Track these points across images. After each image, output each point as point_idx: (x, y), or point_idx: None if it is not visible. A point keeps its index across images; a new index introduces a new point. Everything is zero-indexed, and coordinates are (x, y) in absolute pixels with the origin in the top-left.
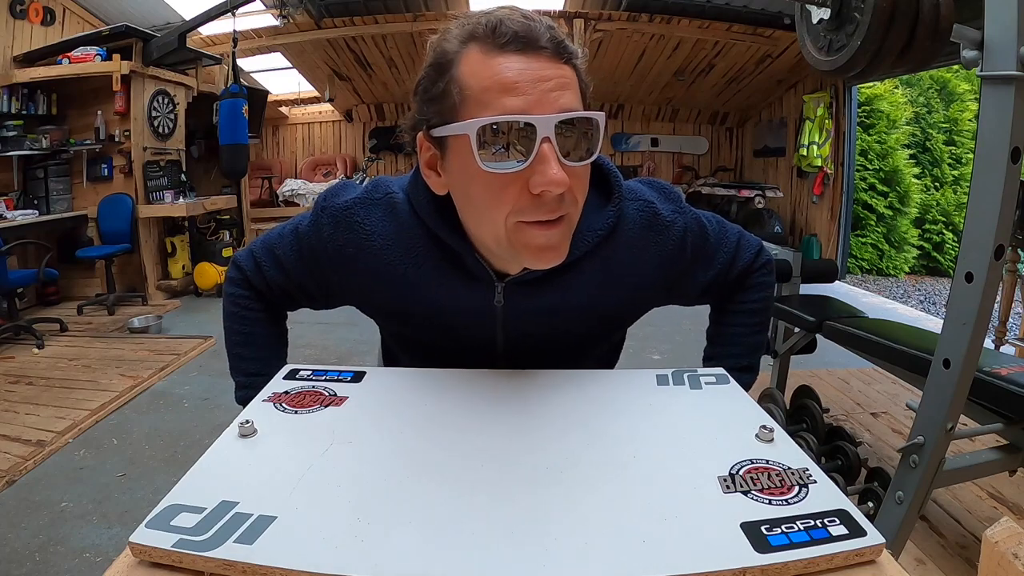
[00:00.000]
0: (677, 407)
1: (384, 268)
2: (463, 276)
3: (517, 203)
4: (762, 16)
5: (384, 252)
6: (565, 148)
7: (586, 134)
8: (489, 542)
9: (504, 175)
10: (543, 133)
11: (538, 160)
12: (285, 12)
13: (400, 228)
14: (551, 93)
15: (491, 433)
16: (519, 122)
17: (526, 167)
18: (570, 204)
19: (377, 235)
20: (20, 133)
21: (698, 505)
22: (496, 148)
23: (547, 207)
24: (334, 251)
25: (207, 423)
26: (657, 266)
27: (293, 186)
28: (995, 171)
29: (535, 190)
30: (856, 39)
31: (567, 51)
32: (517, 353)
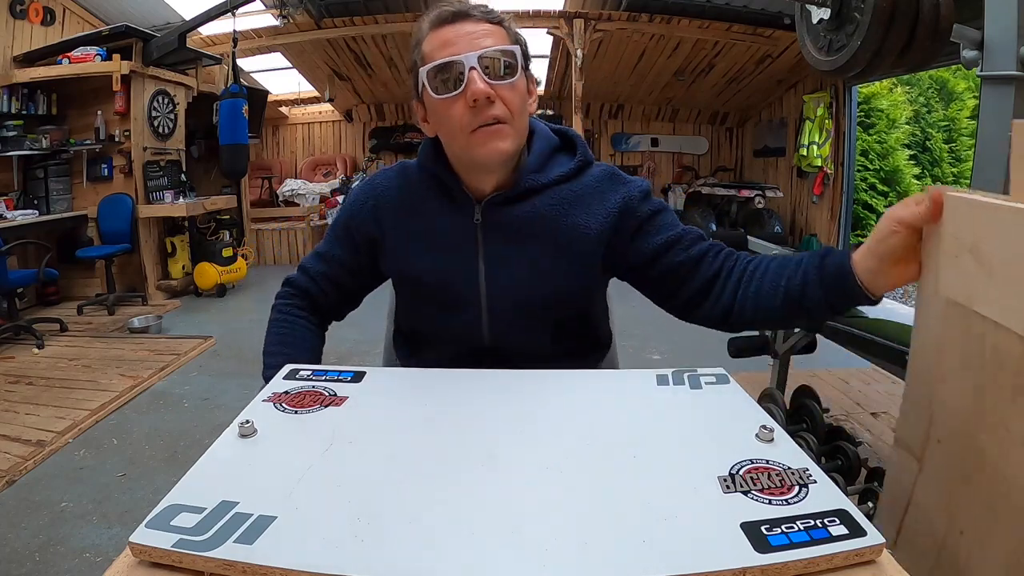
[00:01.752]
0: (677, 407)
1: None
2: (451, 201)
3: (463, 117)
4: (762, 16)
5: (391, 192)
6: (491, 73)
7: (508, 63)
8: (489, 542)
9: (452, 99)
10: (469, 64)
11: (468, 82)
12: (285, 12)
13: (407, 177)
14: (476, 40)
15: (491, 433)
16: (451, 61)
17: (462, 89)
18: (502, 113)
19: (385, 185)
20: (20, 133)
21: (698, 505)
22: (442, 84)
23: (483, 114)
24: (357, 209)
25: (207, 423)
26: (618, 209)
27: (293, 186)
28: (995, 171)
29: (469, 101)
30: (856, 39)
31: (494, 16)
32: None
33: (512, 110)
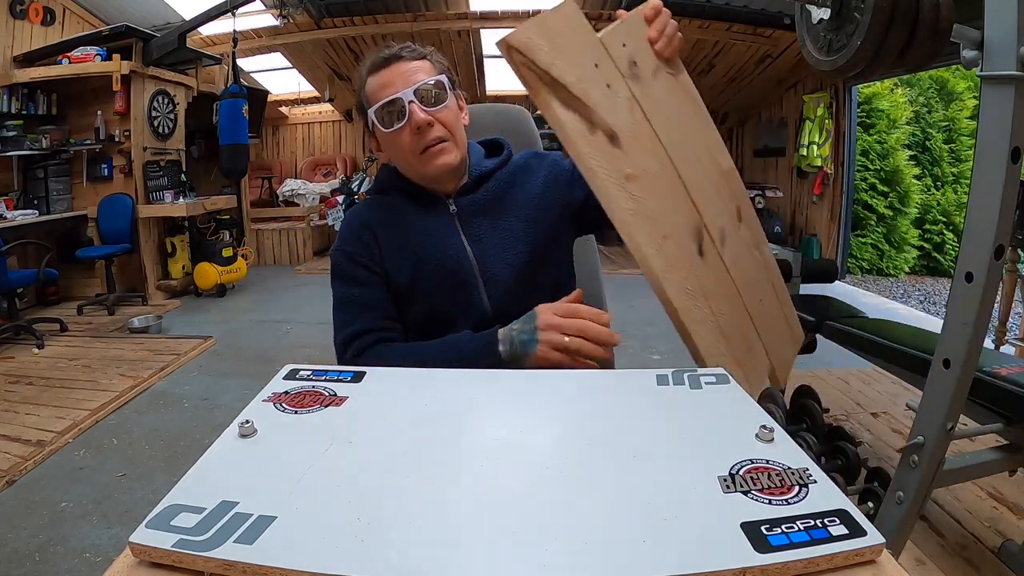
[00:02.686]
0: (677, 407)
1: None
2: (427, 205)
3: (411, 142)
4: (762, 16)
5: (377, 220)
6: (427, 102)
7: (439, 91)
8: (489, 542)
9: (398, 131)
10: (407, 98)
11: (410, 114)
12: (285, 12)
13: (380, 203)
14: (409, 76)
15: (491, 433)
16: (391, 99)
17: (406, 121)
18: (442, 132)
19: (369, 215)
20: (20, 133)
21: (698, 505)
22: (388, 118)
23: (426, 137)
24: (356, 244)
25: (207, 423)
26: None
27: (293, 186)
28: (995, 171)
29: (413, 129)
30: (856, 39)
31: (419, 53)
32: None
33: (450, 128)
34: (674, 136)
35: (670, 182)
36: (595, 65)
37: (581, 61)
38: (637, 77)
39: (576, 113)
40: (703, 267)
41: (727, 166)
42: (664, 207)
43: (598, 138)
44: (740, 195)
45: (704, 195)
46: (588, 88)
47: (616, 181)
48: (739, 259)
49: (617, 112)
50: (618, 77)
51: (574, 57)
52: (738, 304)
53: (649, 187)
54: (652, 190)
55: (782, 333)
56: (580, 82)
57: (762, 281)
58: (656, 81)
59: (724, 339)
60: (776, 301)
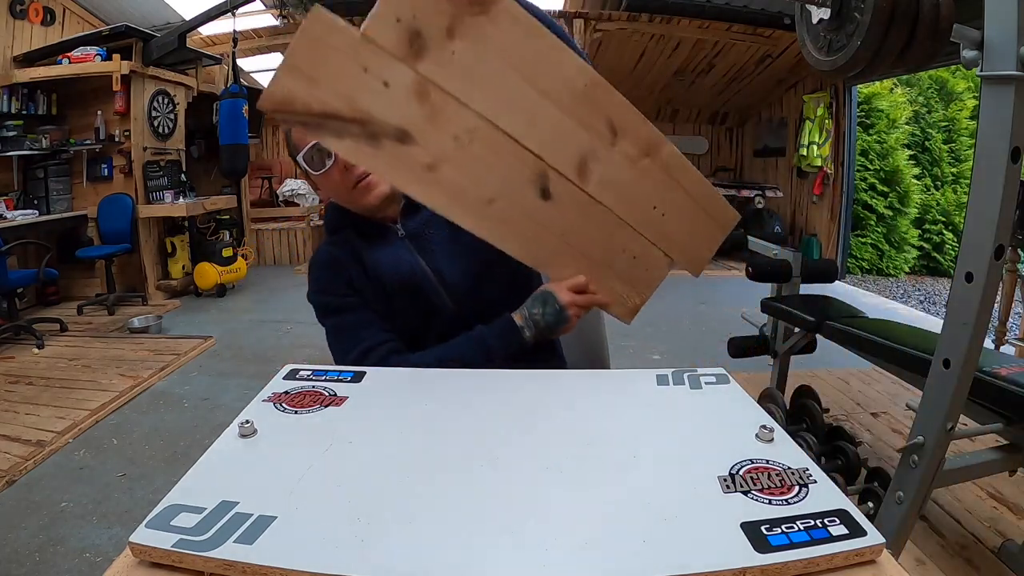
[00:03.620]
0: (677, 407)
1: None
2: (378, 237)
3: (342, 179)
4: (762, 16)
5: (343, 258)
6: None
7: None
8: (489, 542)
9: (328, 171)
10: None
11: (334, 154)
12: (285, 12)
13: (336, 244)
14: None
15: (491, 433)
16: (314, 144)
17: (333, 162)
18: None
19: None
20: (20, 133)
21: (698, 505)
22: (316, 163)
23: (353, 174)
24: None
25: (207, 423)
26: None
27: (293, 186)
28: (995, 171)
29: (341, 167)
30: (856, 39)
31: None
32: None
33: None
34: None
35: (488, 144)
36: (364, 70)
37: (344, 77)
38: (424, 50)
39: (351, 136)
40: (550, 207)
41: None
42: (480, 173)
43: (384, 147)
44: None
45: (546, 135)
46: (358, 101)
47: (418, 178)
48: (613, 180)
49: (401, 108)
50: (395, 67)
51: (334, 78)
52: (612, 224)
53: (457, 163)
54: (462, 164)
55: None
56: (349, 102)
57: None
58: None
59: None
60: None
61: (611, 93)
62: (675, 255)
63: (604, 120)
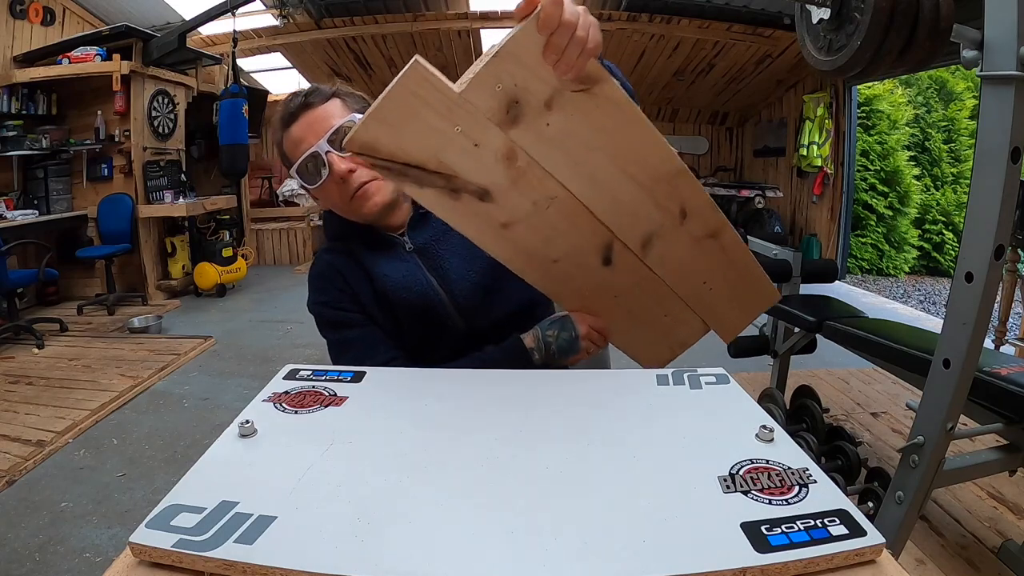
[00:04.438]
0: (677, 407)
1: (355, 280)
2: (384, 249)
3: (338, 191)
4: (762, 16)
5: (346, 271)
6: (337, 145)
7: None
8: (489, 542)
9: (324, 183)
10: (323, 150)
11: (329, 165)
12: (285, 12)
13: (338, 253)
14: (320, 124)
15: (491, 433)
16: (308, 155)
17: (328, 173)
18: (367, 175)
19: (336, 270)
20: (20, 133)
21: (698, 505)
22: (312, 175)
23: (352, 184)
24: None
25: (207, 423)
26: None
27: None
28: (995, 171)
29: (337, 179)
30: (856, 39)
31: (322, 94)
32: (451, 284)
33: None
34: (578, 163)
35: (565, 212)
36: (456, 129)
37: (434, 133)
38: (519, 118)
39: (434, 187)
40: (608, 272)
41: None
42: (552, 236)
43: (464, 201)
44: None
45: (622, 211)
46: (446, 158)
47: (490, 232)
48: (672, 254)
49: (487, 169)
50: (489, 130)
51: (423, 132)
52: (662, 292)
53: (532, 225)
54: (536, 226)
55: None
56: (434, 156)
57: (712, 265)
58: (552, 111)
59: (629, 316)
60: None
61: (691, 181)
62: (712, 323)
63: (678, 203)
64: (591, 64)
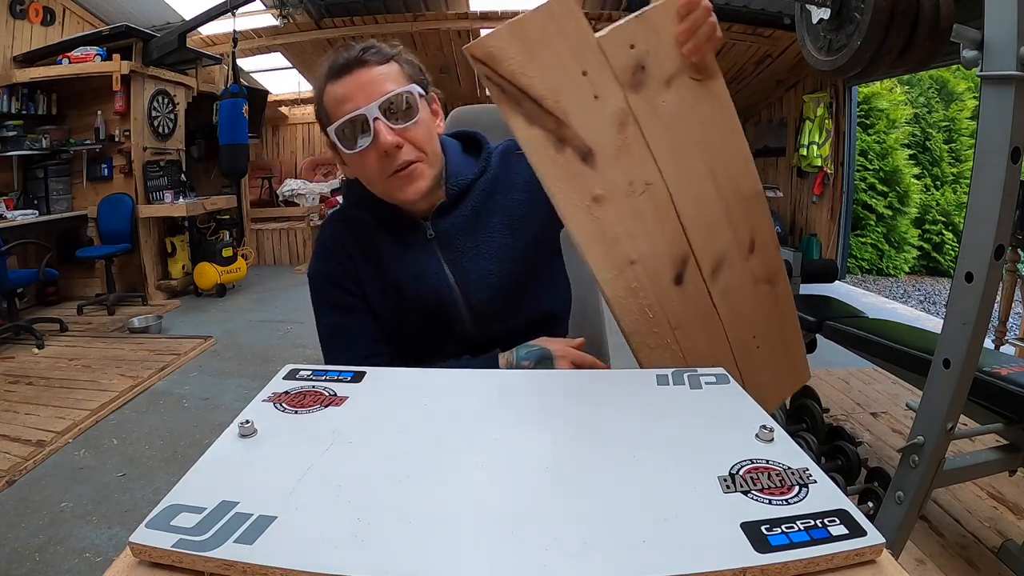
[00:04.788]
0: (677, 407)
1: (362, 260)
2: (401, 232)
3: (379, 165)
4: (762, 16)
5: (353, 248)
6: (395, 118)
7: (409, 103)
8: (489, 542)
9: (363, 151)
10: (372, 116)
11: (375, 134)
12: (285, 12)
13: (350, 225)
14: (373, 88)
15: (491, 433)
16: (354, 116)
17: (371, 142)
18: (412, 153)
19: (343, 245)
20: (20, 133)
21: (698, 505)
22: (351, 139)
23: (395, 161)
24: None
25: (207, 423)
26: (528, 177)
27: (293, 186)
28: (995, 171)
29: (380, 152)
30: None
31: (382, 54)
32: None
33: (422, 147)
34: (679, 153)
35: (655, 204)
36: (583, 73)
37: (562, 69)
38: (641, 85)
39: (543, 129)
40: (677, 296)
41: (751, 191)
42: (637, 230)
43: (566, 156)
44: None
45: (703, 221)
46: (564, 101)
47: (580, 202)
48: (735, 292)
49: (599, 127)
50: (612, 87)
51: (552, 65)
52: (718, 337)
53: (622, 209)
54: (625, 212)
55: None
56: (554, 94)
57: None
58: (670, 89)
59: (669, 351)
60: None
61: (765, 209)
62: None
63: (749, 229)
64: (711, 57)
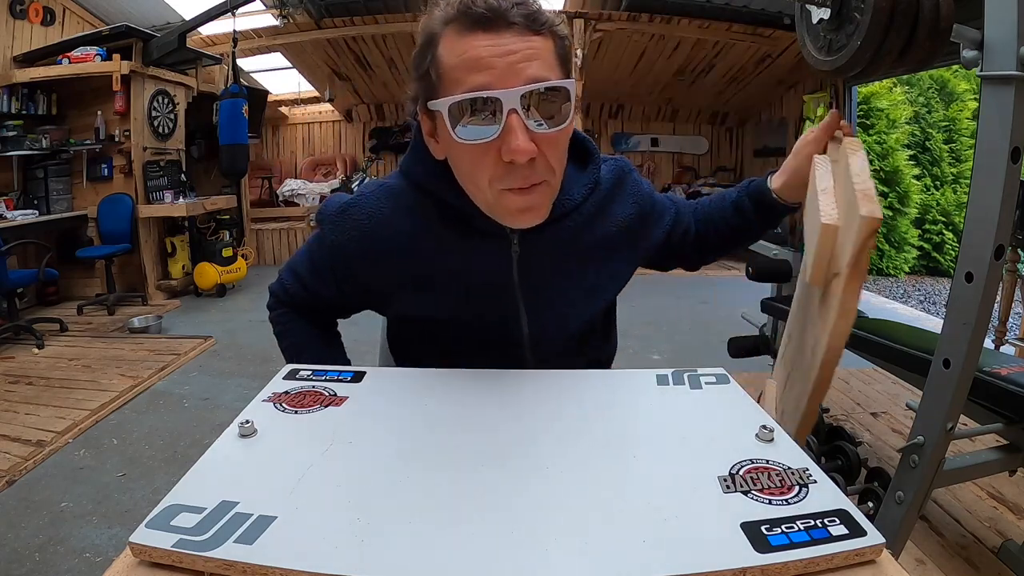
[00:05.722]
0: (677, 407)
1: (394, 245)
2: (474, 234)
3: (495, 171)
4: (762, 16)
5: (387, 229)
6: (535, 116)
7: (555, 102)
8: (489, 542)
9: (480, 144)
10: (509, 105)
11: (506, 131)
12: (285, 12)
13: (398, 203)
14: (518, 65)
15: (491, 433)
16: (486, 97)
17: (496, 137)
18: (545, 171)
19: (376, 217)
20: (20, 133)
21: (698, 505)
22: (469, 121)
23: (520, 175)
24: (341, 252)
25: (207, 423)
26: (633, 213)
27: (293, 186)
28: (995, 171)
29: (505, 158)
30: (856, 39)
31: (538, 21)
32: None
33: (555, 165)
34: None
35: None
36: None
37: None
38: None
39: None
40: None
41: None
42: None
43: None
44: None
45: None
46: None
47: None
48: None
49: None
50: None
51: None
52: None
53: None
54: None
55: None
56: None
57: None
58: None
59: None
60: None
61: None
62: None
63: None
64: None
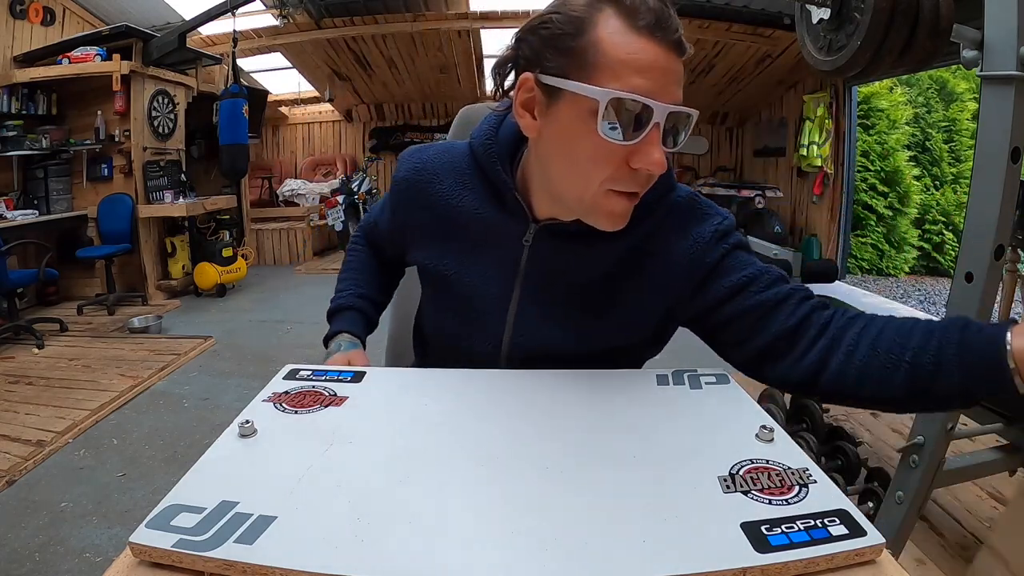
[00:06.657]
0: (677, 407)
1: (436, 194)
2: (502, 209)
3: (616, 172)
4: (762, 16)
5: (436, 180)
6: (666, 135)
7: (682, 127)
8: (489, 542)
9: (612, 144)
10: (657, 118)
11: (646, 141)
12: (285, 12)
13: (452, 161)
14: (670, 84)
15: (491, 433)
16: (645, 103)
17: (634, 144)
18: (650, 184)
19: (431, 165)
20: (20, 133)
21: (698, 505)
22: (614, 120)
23: (640, 182)
24: (397, 187)
25: (207, 423)
26: (687, 261)
27: (293, 186)
28: (995, 171)
29: (636, 165)
30: (856, 39)
31: (683, 48)
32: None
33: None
34: None
35: None
36: None
37: None
38: None
39: None
40: None
41: None
42: None
43: None
44: None
45: None
46: None
47: None
48: None
49: None
50: None
51: None
52: None
53: None
54: None
55: None
56: None
57: None
58: None
59: None
60: None
61: None
62: None
63: None
64: None
